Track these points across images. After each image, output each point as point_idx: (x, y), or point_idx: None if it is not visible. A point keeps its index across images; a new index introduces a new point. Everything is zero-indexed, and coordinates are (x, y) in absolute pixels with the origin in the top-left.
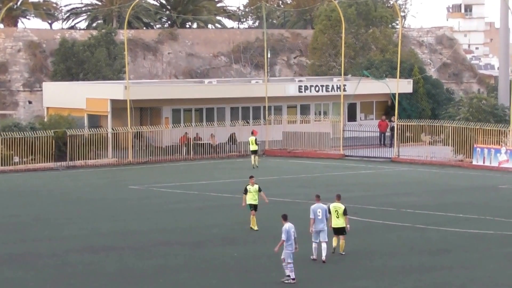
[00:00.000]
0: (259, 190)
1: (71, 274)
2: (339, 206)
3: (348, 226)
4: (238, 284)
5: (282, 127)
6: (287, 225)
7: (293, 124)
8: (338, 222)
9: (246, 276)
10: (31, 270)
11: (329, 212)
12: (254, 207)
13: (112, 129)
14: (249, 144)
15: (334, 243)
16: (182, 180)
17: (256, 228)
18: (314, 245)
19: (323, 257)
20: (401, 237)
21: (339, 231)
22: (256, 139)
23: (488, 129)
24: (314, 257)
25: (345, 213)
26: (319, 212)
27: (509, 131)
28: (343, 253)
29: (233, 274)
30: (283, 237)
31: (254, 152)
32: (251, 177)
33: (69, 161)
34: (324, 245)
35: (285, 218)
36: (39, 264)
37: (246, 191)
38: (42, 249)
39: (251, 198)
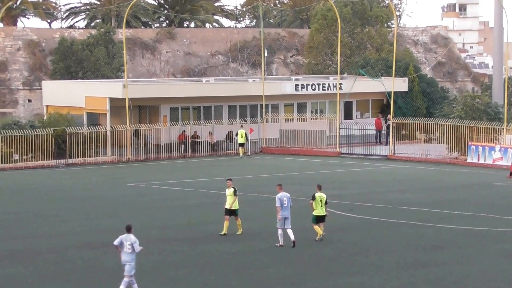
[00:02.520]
0: (234, 193)
1: (70, 270)
2: (323, 196)
3: (327, 213)
4: (236, 280)
5: (279, 125)
6: (125, 236)
7: (290, 122)
8: (322, 210)
9: (243, 272)
10: (31, 266)
11: (313, 199)
12: (229, 212)
13: (111, 127)
14: (237, 137)
15: (320, 232)
16: (180, 177)
17: (239, 231)
18: (280, 231)
19: (293, 239)
20: (396, 233)
21: (322, 219)
22: (246, 133)
23: (482, 127)
24: (281, 243)
25: (326, 202)
26: (285, 200)
27: (503, 129)
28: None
29: (231, 270)
30: (138, 247)
31: (242, 145)
32: (229, 179)
33: (68, 158)
34: (289, 231)
35: (128, 229)
36: (39, 260)
37: None
38: (41, 245)
39: (228, 202)
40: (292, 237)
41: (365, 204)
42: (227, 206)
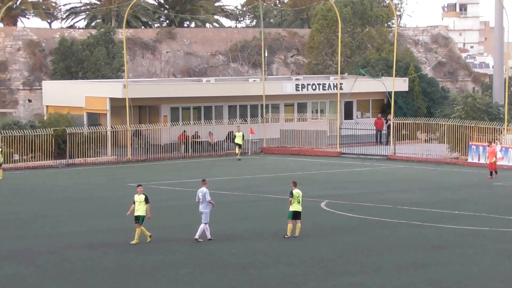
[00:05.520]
0: (146, 201)
1: (70, 270)
2: (299, 192)
3: None
4: (236, 280)
5: (280, 125)
6: None
7: (290, 122)
8: (298, 206)
9: (243, 272)
10: (31, 266)
11: (291, 196)
12: (137, 219)
13: (111, 127)
14: (235, 138)
15: (290, 230)
16: (180, 177)
17: (135, 241)
18: (202, 225)
19: (197, 236)
20: (396, 233)
21: (297, 215)
22: (243, 135)
23: (483, 127)
24: (208, 237)
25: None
26: (200, 195)
27: (504, 129)
28: (298, 235)
29: (231, 270)
30: None
31: (239, 145)
32: (139, 185)
33: (68, 159)
34: (203, 226)
35: None
36: (39, 261)
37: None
38: (41, 245)
39: (136, 208)
40: (201, 233)
41: (365, 204)
42: (137, 213)
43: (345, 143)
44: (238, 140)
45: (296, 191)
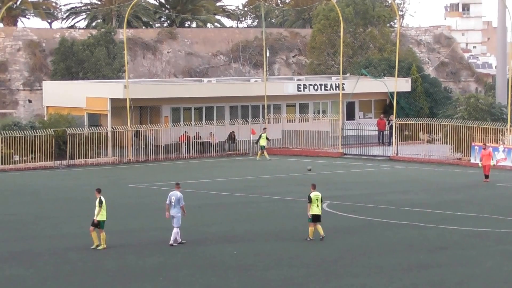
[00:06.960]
0: (99, 204)
1: (70, 272)
2: (318, 195)
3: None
4: (237, 281)
5: (281, 126)
6: None
7: (292, 123)
8: (318, 209)
9: (245, 273)
10: (31, 268)
11: (310, 201)
12: (94, 223)
13: (112, 128)
14: (260, 139)
15: (312, 233)
16: (182, 178)
17: (101, 246)
18: (174, 230)
19: (171, 241)
20: (399, 234)
21: (318, 218)
22: (260, 135)
23: (486, 128)
24: (171, 242)
25: (321, 200)
26: (173, 199)
27: (507, 129)
28: (324, 235)
29: (232, 272)
30: None
31: (263, 147)
32: (97, 189)
33: (69, 159)
34: (176, 230)
35: None
36: (39, 262)
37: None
38: (42, 247)
39: (96, 213)
40: (175, 238)
41: (367, 205)
42: (98, 218)
43: (347, 144)
44: (262, 141)
45: (314, 194)
